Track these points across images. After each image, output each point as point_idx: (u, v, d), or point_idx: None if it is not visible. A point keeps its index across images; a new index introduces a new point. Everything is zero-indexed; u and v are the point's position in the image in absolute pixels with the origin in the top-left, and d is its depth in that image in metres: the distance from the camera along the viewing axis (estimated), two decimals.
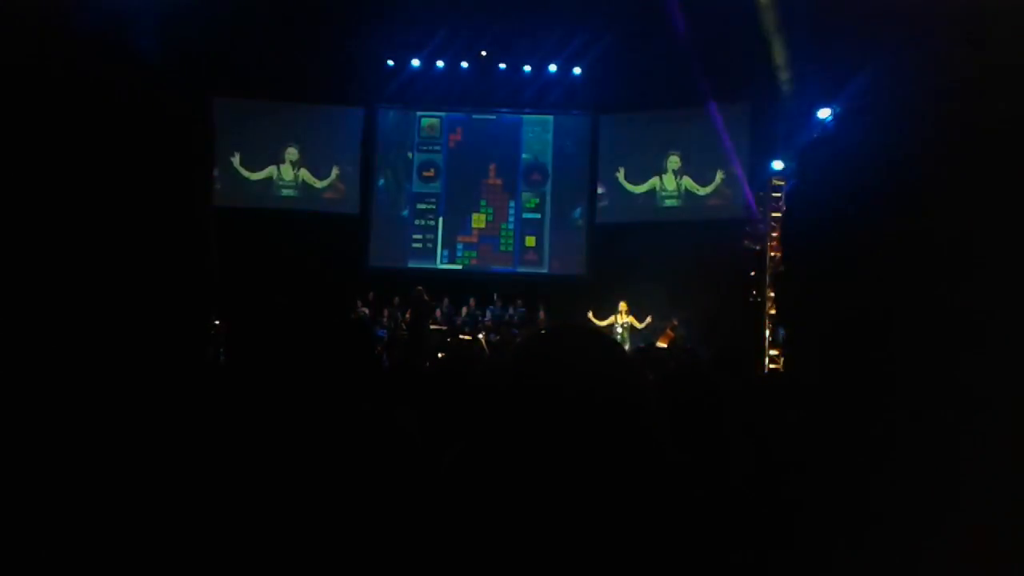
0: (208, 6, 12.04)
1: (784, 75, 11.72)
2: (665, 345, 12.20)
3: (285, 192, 15.63)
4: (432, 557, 1.01)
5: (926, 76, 0.58)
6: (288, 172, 15.59)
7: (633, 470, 1.00)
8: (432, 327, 13.08)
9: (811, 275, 0.62)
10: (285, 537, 1.03)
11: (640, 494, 0.99)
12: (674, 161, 14.94)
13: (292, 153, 15.56)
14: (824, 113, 12.04)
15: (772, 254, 13.36)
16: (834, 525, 0.62)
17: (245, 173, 15.51)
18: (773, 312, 13.02)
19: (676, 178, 14.94)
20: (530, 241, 15.80)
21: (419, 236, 15.88)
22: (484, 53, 15.22)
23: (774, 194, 13.43)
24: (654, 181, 15.04)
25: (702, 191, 14.77)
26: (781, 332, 11.95)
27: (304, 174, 15.62)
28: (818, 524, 0.65)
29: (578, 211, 15.73)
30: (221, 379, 1.26)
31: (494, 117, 15.98)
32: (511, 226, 15.74)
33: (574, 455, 0.99)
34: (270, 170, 15.52)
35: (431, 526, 1.03)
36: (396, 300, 13.82)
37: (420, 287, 13.25)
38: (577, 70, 15.18)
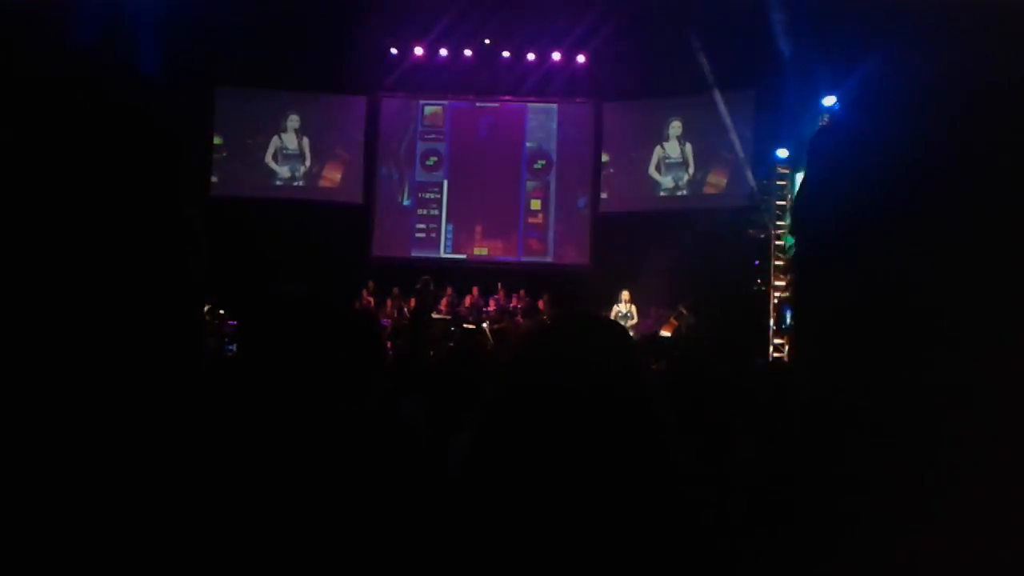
0: None
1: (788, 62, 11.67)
2: (669, 333, 12.20)
3: (288, 171, 15.59)
4: (436, 551, 1.01)
5: (933, 67, 0.57)
6: (291, 140, 15.59)
7: (637, 462, 1.00)
8: (435, 316, 13.08)
9: (823, 264, 0.61)
10: (291, 530, 1.04)
11: (644, 488, 0.99)
12: (676, 127, 14.85)
13: (294, 121, 15.57)
14: (829, 100, 11.99)
15: (777, 242, 13.33)
16: (837, 519, 0.62)
17: (247, 162, 15.53)
18: (777, 301, 13.01)
19: (680, 145, 14.86)
20: (534, 230, 15.79)
21: (422, 225, 15.86)
22: (487, 41, 15.15)
23: (778, 182, 13.39)
24: (658, 151, 14.97)
25: (709, 178, 14.70)
26: (788, 314, 11.94)
27: (307, 144, 15.62)
28: (820, 518, 0.65)
29: (582, 200, 15.70)
30: (227, 372, 1.26)
31: (497, 105, 15.94)
32: (517, 234, 15.77)
33: (578, 446, 0.99)
34: (273, 141, 15.53)
35: (436, 519, 1.03)
36: (396, 290, 13.81)
37: (427, 276, 13.19)
38: (581, 58, 15.12)
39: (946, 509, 0.55)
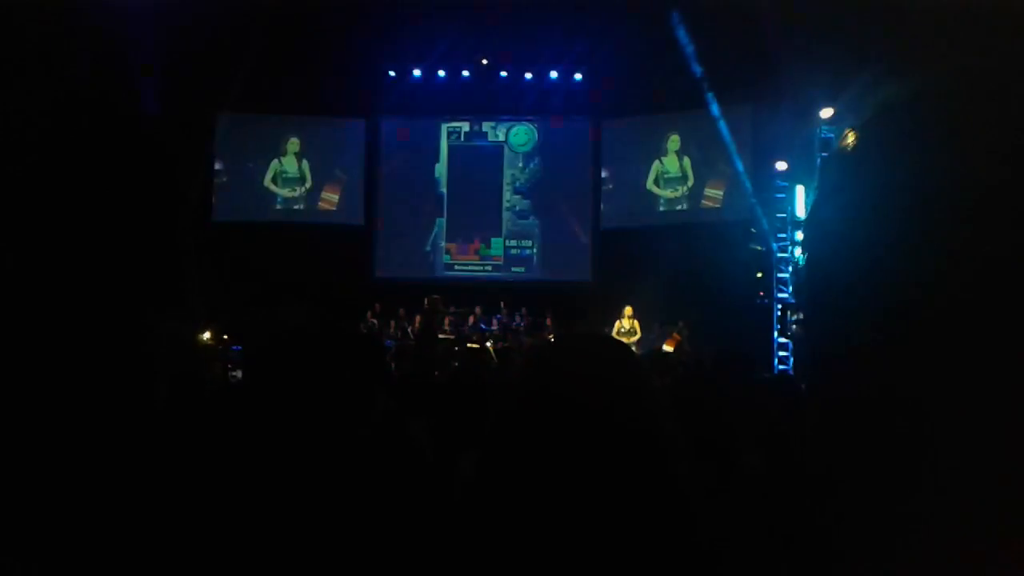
0: (209, 22, 12.12)
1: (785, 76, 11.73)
2: (671, 349, 12.18)
3: (288, 193, 15.66)
4: (444, 570, 1.01)
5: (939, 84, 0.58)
6: (291, 164, 15.67)
7: (644, 480, 1.00)
8: (439, 336, 13.04)
9: (833, 279, 0.62)
10: (300, 550, 1.03)
11: (651, 504, 0.99)
12: (675, 141, 14.91)
13: (294, 144, 15.66)
14: (827, 113, 12.04)
15: (779, 254, 13.32)
16: (845, 532, 0.62)
17: (247, 186, 15.60)
18: (780, 313, 12.99)
19: (678, 159, 14.91)
20: (535, 249, 15.82)
21: (424, 246, 15.91)
22: (485, 61, 15.26)
23: (777, 195, 13.42)
24: (656, 167, 15.02)
25: (706, 191, 14.73)
26: (791, 320, 11.91)
27: (307, 167, 15.70)
28: (828, 531, 0.65)
29: (583, 217, 15.73)
30: (231, 395, 1.27)
31: (495, 124, 16.02)
32: (512, 250, 15.81)
33: (585, 466, 0.99)
34: (273, 165, 15.61)
35: (443, 538, 1.03)
36: (401, 311, 13.79)
37: (436, 296, 13.11)
38: (578, 76, 15.21)
39: (957, 526, 0.55)
